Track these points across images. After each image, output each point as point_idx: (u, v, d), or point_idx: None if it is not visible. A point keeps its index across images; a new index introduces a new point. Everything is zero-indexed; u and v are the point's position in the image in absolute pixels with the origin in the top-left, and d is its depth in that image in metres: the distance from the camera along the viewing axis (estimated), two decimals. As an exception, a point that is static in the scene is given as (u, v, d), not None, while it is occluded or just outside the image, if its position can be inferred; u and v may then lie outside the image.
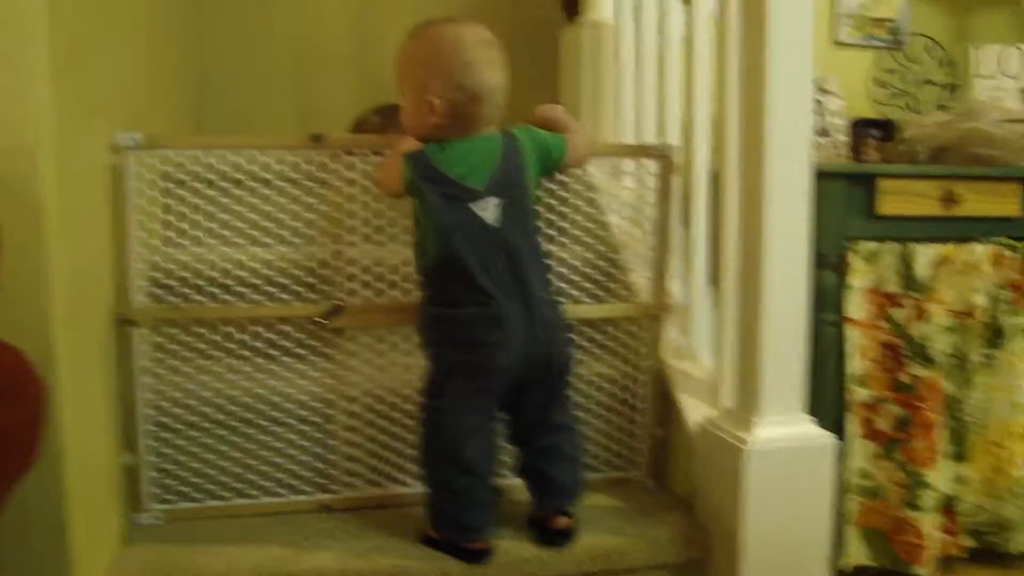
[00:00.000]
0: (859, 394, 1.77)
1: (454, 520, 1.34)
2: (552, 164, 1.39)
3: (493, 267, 1.30)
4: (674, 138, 1.72)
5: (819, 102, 2.13)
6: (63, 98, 1.11)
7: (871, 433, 1.79)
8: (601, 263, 1.62)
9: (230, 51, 2.74)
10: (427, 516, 1.37)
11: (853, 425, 1.77)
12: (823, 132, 2.11)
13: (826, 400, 1.71)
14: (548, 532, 1.38)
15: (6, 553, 1.06)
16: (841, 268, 1.73)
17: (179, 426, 1.46)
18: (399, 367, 1.53)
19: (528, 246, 1.34)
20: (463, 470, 1.33)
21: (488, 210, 1.29)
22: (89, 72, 1.26)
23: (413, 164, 1.30)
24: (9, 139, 1.03)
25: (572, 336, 1.45)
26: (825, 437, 1.37)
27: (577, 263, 1.59)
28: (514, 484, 1.47)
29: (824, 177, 1.63)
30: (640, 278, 1.66)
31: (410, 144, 1.34)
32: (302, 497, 1.51)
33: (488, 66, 1.31)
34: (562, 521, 1.39)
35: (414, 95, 1.32)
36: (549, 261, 1.43)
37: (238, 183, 1.47)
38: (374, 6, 2.86)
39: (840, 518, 1.73)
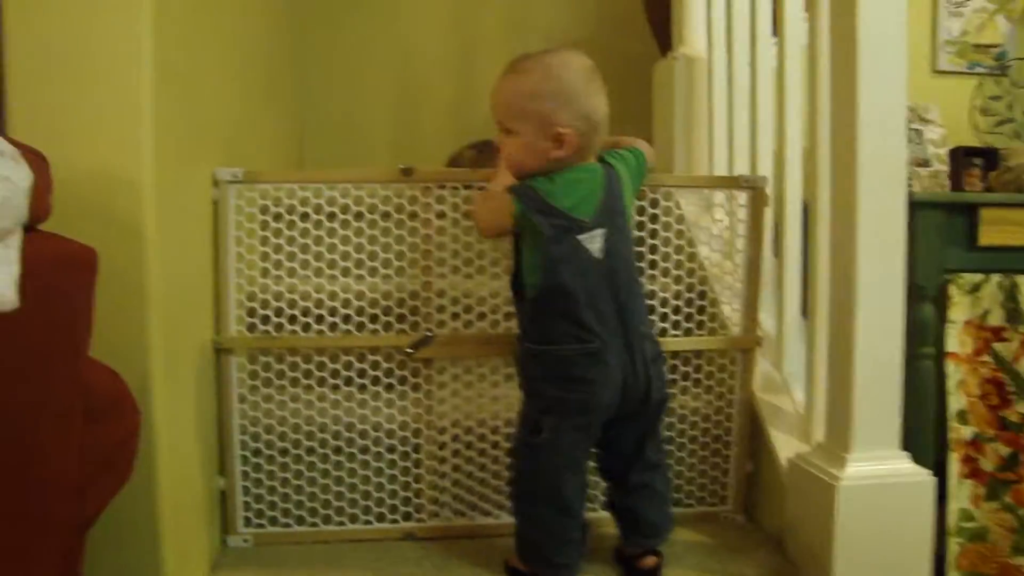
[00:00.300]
0: (961, 432, 1.71)
1: (545, 557, 1.33)
2: (643, 176, 1.42)
3: (598, 300, 1.28)
4: (766, 170, 1.71)
5: (919, 131, 2.08)
6: (165, 134, 1.16)
7: (975, 473, 1.72)
8: (691, 295, 1.61)
9: (331, 89, 2.83)
10: (516, 547, 1.37)
11: (955, 464, 1.71)
12: (924, 162, 2.06)
13: (926, 438, 1.66)
14: (636, 571, 1.37)
15: (101, 571, 1.11)
16: (940, 301, 1.68)
17: (271, 452, 1.50)
18: (487, 398, 1.54)
19: (629, 278, 1.33)
20: (559, 509, 1.32)
21: (595, 241, 1.29)
22: (192, 109, 1.32)
23: (522, 198, 1.29)
24: (113, 171, 1.08)
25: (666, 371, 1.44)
26: (922, 474, 1.32)
27: (667, 295, 1.58)
28: (600, 517, 1.46)
29: (922, 207, 1.60)
30: (731, 310, 1.64)
31: (506, 179, 1.34)
32: (388, 525, 1.53)
33: (601, 94, 1.31)
34: (650, 560, 1.38)
35: (535, 128, 1.29)
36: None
37: (332, 216, 1.52)
38: (472, 45, 2.92)
39: (940, 562, 1.67)
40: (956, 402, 1.70)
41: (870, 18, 1.26)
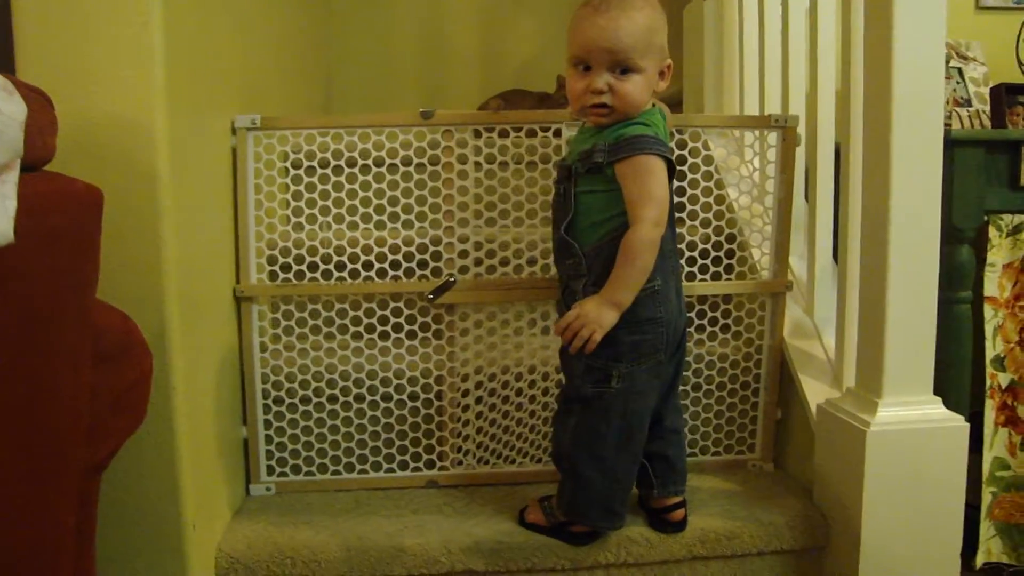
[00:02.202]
0: (998, 379, 1.66)
1: (610, 509, 1.31)
2: None
3: (667, 237, 1.25)
4: (797, 112, 1.66)
5: (959, 69, 2.00)
6: (179, 79, 1.14)
7: (1011, 421, 1.67)
8: (720, 239, 1.58)
9: (357, 38, 2.80)
10: (567, 503, 1.32)
11: (991, 412, 1.66)
12: (964, 102, 1.99)
13: (961, 385, 1.61)
14: (665, 522, 1.35)
15: (123, 516, 1.11)
16: (978, 243, 1.63)
17: (293, 401, 1.50)
18: (510, 345, 1.52)
19: (672, 216, 1.29)
20: (632, 457, 1.31)
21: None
22: (208, 54, 1.31)
23: (664, 150, 1.22)
24: (126, 115, 1.07)
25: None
26: (956, 420, 1.29)
27: (696, 239, 1.54)
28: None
29: (960, 146, 1.54)
30: (760, 254, 1.61)
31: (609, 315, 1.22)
32: (410, 473, 1.53)
33: None
34: (680, 513, 1.36)
35: (654, 63, 1.23)
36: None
37: (353, 163, 1.50)
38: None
39: (974, 511, 1.64)
40: (993, 348, 1.66)
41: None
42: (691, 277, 1.55)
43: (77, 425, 0.84)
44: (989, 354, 1.65)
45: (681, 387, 1.55)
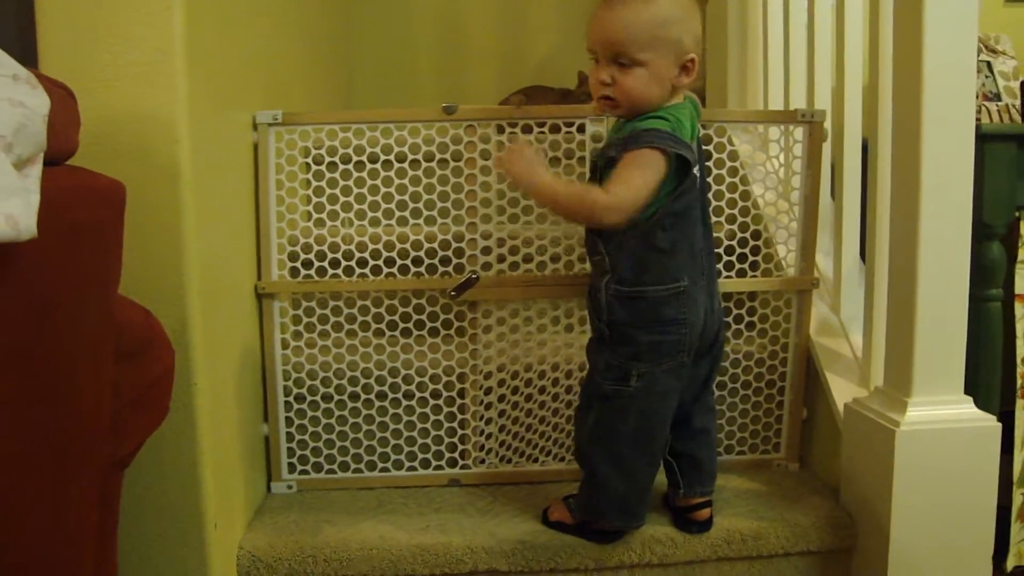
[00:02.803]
0: (1029, 378, 1.64)
1: (628, 509, 1.30)
2: None
3: (695, 236, 1.25)
4: (823, 105, 1.63)
5: (988, 63, 1.97)
6: (201, 75, 1.14)
7: (1043, 421, 1.65)
8: (745, 236, 1.56)
9: (377, 34, 2.79)
10: (584, 502, 1.32)
11: (1022, 412, 1.64)
12: (993, 96, 1.96)
13: (991, 384, 1.58)
14: (690, 522, 1.34)
15: (144, 513, 1.11)
16: (1009, 239, 1.60)
17: (314, 398, 1.49)
18: (533, 342, 1.51)
19: (707, 215, 1.29)
20: (650, 459, 1.29)
21: (696, 174, 1.25)
22: (230, 50, 1.30)
23: (673, 145, 1.18)
24: (148, 111, 1.06)
25: None
26: (987, 420, 1.27)
27: (721, 235, 1.52)
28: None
29: (991, 140, 1.51)
30: (786, 251, 1.59)
31: (540, 173, 1.22)
32: (433, 471, 1.52)
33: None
34: (706, 512, 1.35)
35: (665, 56, 1.19)
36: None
37: (375, 158, 1.49)
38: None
39: (1004, 512, 1.61)
40: (1024, 347, 1.63)
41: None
42: (717, 274, 1.53)
43: (99, 421, 0.83)
44: (1020, 353, 1.63)
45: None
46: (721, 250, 1.52)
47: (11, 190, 0.65)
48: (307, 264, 1.50)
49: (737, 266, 1.54)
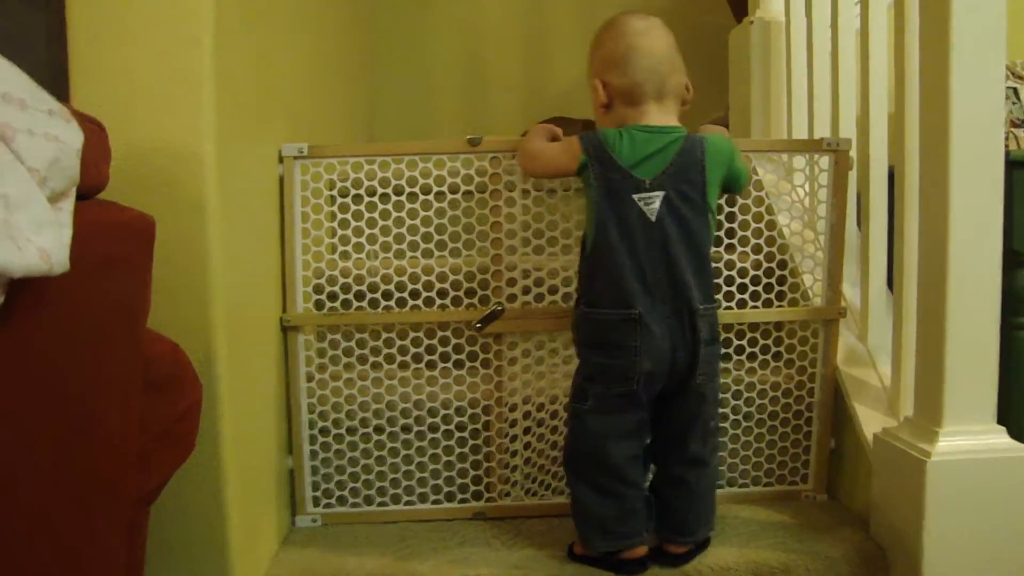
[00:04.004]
0: (1061, 407, 1.61)
1: (604, 528, 1.29)
2: (737, 188, 1.37)
3: (646, 265, 1.25)
4: (847, 134, 1.63)
5: (1015, 90, 1.97)
6: (229, 109, 1.15)
7: (1076, 451, 1.62)
8: (771, 266, 1.55)
9: (400, 66, 2.82)
10: (576, 526, 1.33)
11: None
12: (1021, 122, 1.95)
13: (1023, 412, 1.57)
14: (664, 554, 1.32)
15: (169, 548, 1.11)
16: (1039, 268, 1.59)
17: (339, 431, 1.49)
18: (559, 374, 1.50)
19: (690, 251, 1.27)
20: (611, 475, 1.28)
21: (652, 203, 1.25)
22: (257, 83, 1.31)
23: (587, 145, 1.30)
24: (175, 144, 1.07)
25: (720, 370, 1.36)
26: (1021, 450, 1.25)
27: (746, 266, 1.52)
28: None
29: (1019, 168, 1.51)
30: (812, 280, 1.58)
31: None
32: (458, 504, 1.51)
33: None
34: (677, 549, 1.32)
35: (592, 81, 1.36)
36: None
37: (400, 191, 1.49)
38: (544, 21, 2.88)
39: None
40: (1055, 376, 1.61)
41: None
42: (742, 304, 1.52)
43: (126, 455, 0.83)
44: (1051, 382, 1.61)
45: (732, 417, 1.53)
46: (748, 280, 1.51)
47: (44, 224, 0.65)
48: (332, 296, 1.50)
49: (764, 296, 1.53)
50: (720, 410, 1.44)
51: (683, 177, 1.27)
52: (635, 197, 1.25)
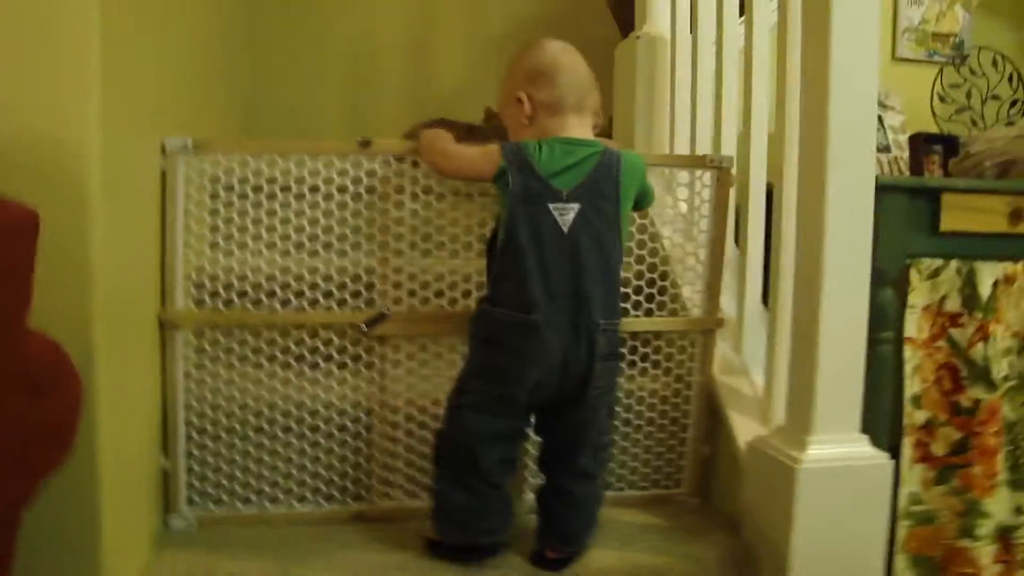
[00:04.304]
0: (915, 416, 1.71)
1: (463, 520, 1.31)
2: (643, 205, 1.42)
3: (551, 274, 1.26)
4: (730, 152, 1.69)
5: (879, 117, 2.08)
6: (112, 96, 1.10)
7: (926, 457, 1.72)
8: (653, 276, 1.59)
9: (282, 60, 2.76)
10: (432, 514, 1.33)
11: (908, 449, 1.71)
12: (884, 148, 2.06)
13: (882, 422, 1.65)
14: (542, 560, 1.33)
15: (38, 551, 1.05)
16: (901, 285, 1.68)
17: (217, 431, 1.45)
18: (443, 378, 1.50)
19: (599, 265, 1.29)
20: (477, 475, 1.29)
21: (566, 215, 1.28)
22: (140, 74, 1.26)
23: (507, 152, 1.32)
24: (56, 130, 1.02)
25: (616, 384, 1.40)
26: (882, 458, 1.32)
27: (629, 275, 1.55)
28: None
29: (885, 191, 1.59)
30: (692, 292, 1.63)
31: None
32: (338, 506, 1.49)
33: None
34: (554, 554, 1.33)
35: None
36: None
37: (286, 189, 1.46)
38: (430, 25, 2.87)
39: (889, 544, 1.67)
40: (911, 387, 1.71)
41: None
42: (624, 313, 1.55)
43: (2, 458, 0.79)
44: (907, 392, 1.70)
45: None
46: (630, 289, 1.55)
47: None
48: (213, 294, 1.46)
49: (645, 305, 1.56)
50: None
51: (599, 191, 1.29)
52: (551, 206, 1.27)
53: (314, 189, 1.47)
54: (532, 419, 1.36)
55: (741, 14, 1.72)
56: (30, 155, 1.01)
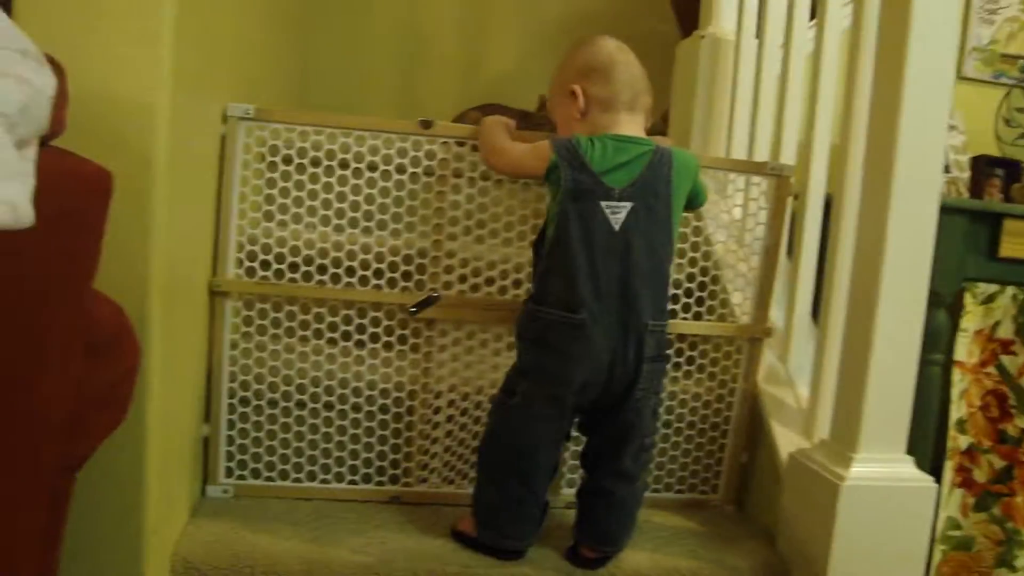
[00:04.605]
0: (959, 441, 1.69)
1: (497, 524, 1.31)
2: (696, 204, 1.40)
3: (601, 273, 1.25)
4: (787, 160, 1.67)
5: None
6: (183, 59, 1.10)
7: (967, 483, 1.70)
8: (704, 279, 1.57)
9: (334, 34, 2.76)
10: (472, 508, 1.34)
11: (949, 473, 1.69)
12: (943, 168, 2.03)
13: (925, 444, 1.63)
14: (578, 558, 1.33)
15: (85, 511, 1.06)
16: (954, 308, 1.66)
17: (259, 402, 1.46)
18: (487, 365, 1.50)
19: (649, 266, 1.28)
20: (519, 479, 1.29)
21: (617, 213, 1.26)
22: (209, 38, 1.27)
23: (559, 148, 1.31)
24: (129, 94, 1.02)
25: (663, 386, 1.39)
26: (926, 480, 1.30)
27: (678, 277, 1.54)
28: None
29: (945, 212, 1.56)
30: (741, 298, 1.61)
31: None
32: (374, 487, 1.50)
33: None
34: (591, 553, 1.33)
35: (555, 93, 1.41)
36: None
37: (344, 164, 1.46)
38: (484, 8, 2.86)
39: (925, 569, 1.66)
40: (957, 411, 1.69)
41: (924, 8, 1.21)
42: (672, 314, 1.54)
43: (57, 420, 0.79)
44: (953, 417, 1.68)
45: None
46: (679, 291, 1.54)
47: (12, 174, 0.62)
48: (265, 265, 1.46)
49: (694, 308, 1.55)
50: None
51: (651, 190, 1.28)
52: (603, 204, 1.26)
53: (372, 167, 1.47)
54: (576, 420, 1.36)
55: (812, 18, 1.69)
56: (100, 115, 1.01)
